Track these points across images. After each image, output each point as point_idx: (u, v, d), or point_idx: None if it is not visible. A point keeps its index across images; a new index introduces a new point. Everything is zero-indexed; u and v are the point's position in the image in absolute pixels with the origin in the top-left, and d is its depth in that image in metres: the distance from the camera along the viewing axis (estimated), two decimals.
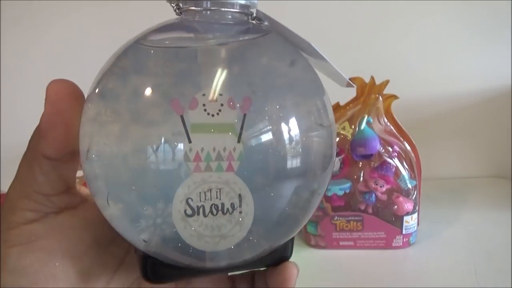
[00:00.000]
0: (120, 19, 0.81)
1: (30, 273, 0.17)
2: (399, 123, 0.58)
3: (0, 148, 0.87)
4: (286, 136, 0.15)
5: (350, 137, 0.56)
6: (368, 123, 0.55)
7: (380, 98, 0.56)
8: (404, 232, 0.57)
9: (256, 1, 0.18)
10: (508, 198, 0.71)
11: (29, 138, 0.19)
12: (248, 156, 0.15)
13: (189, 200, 0.15)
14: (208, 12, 0.17)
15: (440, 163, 0.82)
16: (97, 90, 0.17)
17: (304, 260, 0.56)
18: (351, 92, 0.58)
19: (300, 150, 0.16)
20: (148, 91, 0.16)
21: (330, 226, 0.58)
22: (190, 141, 0.15)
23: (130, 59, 0.17)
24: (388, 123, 0.57)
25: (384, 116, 0.57)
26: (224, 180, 0.15)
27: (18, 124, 0.89)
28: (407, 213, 0.56)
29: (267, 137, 0.15)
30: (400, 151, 0.56)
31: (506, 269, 0.51)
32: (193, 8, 0.17)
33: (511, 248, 0.55)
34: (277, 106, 0.16)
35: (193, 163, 0.15)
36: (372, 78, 0.56)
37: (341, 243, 0.58)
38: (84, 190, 0.20)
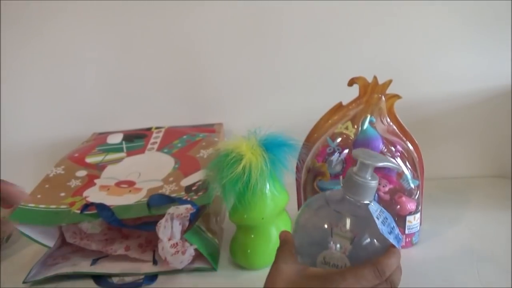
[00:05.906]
0: (119, 20, 0.81)
1: None
2: (402, 123, 0.58)
3: (0, 148, 0.87)
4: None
5: (352, 136, 0.55)
6: (370, 122, 0.55)
7: (383, 98, 0.55)
8: (407, 231, 0.57)
9: None
10: (510, 197, 0.71)
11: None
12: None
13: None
14: None
15: (443, 163, 0.82)
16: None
17: None
18: (354, 92, 0.58)
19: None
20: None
21: None
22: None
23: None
24: (391, 123, 0.57)
25: (386, 116, 0.56)
26: None
27: (18, 124, 0.89)
28: (410, 213, 0.56)
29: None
30: (403, 151, 0.55)
31: (509, 269, 0.51)
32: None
33: None
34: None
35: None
36: (375, 77, 0.56)
37: None
38: None
